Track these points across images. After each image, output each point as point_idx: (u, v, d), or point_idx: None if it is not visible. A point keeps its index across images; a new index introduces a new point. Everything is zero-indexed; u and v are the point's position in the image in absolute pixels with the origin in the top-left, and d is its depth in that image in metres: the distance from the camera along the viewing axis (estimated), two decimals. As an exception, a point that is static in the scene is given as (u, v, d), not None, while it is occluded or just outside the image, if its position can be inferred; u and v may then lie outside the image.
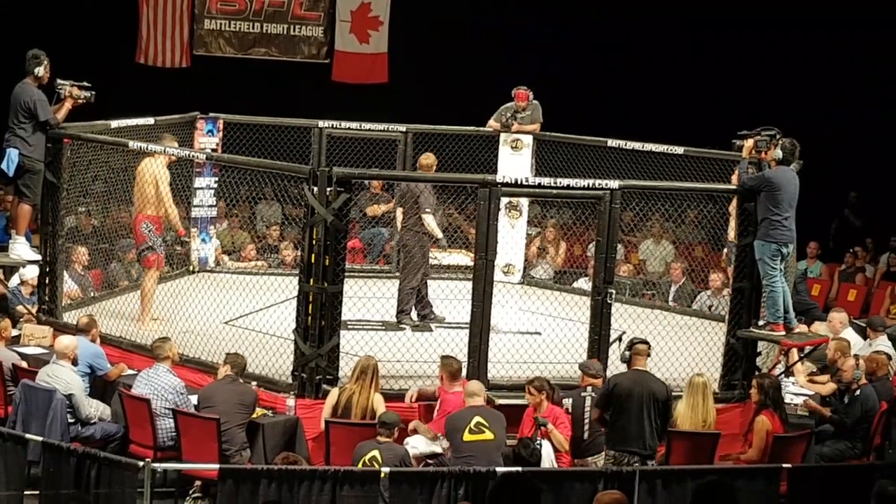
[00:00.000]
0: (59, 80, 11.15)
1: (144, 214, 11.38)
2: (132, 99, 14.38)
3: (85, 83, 11.22)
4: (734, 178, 11.55)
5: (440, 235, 11.67)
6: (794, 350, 11.06)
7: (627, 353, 9.44)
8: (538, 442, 9.06)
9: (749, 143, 10.44)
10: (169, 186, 11.39)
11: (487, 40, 18.80)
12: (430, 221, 11.59)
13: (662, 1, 18.32)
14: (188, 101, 13.85)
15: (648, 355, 9.51)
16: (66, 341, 9.84)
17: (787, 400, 10.41)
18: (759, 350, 10.72)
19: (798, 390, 11.08)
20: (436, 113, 14.29)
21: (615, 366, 10.25)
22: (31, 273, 11.82)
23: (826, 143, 16.18)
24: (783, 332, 10.33)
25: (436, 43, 18.81)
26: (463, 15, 18.89)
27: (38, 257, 11.30)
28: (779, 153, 10.24)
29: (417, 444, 9.29)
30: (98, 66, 13.85)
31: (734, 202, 10.94)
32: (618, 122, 15.26)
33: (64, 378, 9.58)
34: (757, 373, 10.36)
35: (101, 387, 10.15)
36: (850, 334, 11.73)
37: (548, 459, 9.08)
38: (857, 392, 10.26)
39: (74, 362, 9.80)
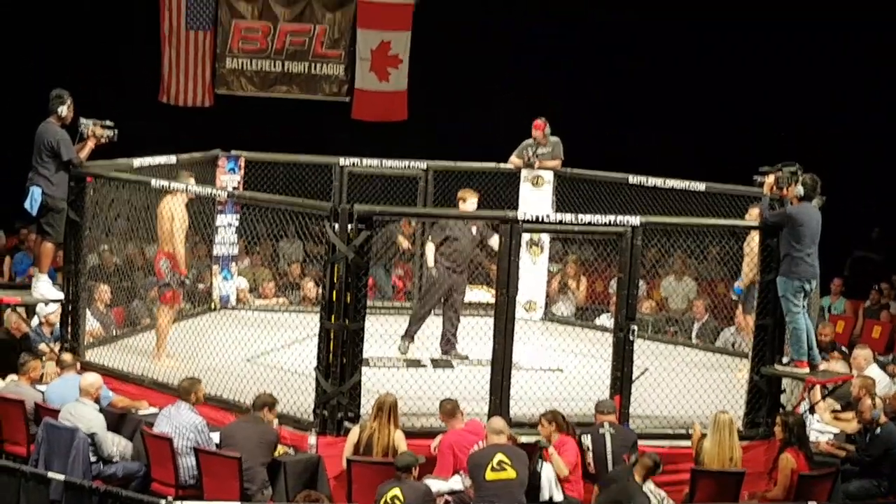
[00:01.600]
0: (82, 119, 11.20)
1: (163, 251, 11.41)
2: (154, 137, 14.45)
3: (108, 122, 11.26)
4: (748, 215, 11.54)
5: (430, 265, 11.79)
6: (818, 387, 10.97)
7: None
8: (539, 465, 9.06)
9: (770, 179, 10.41)
10: (182, 225, 11.38)
11: (508, 78, 18.88)
12: (427, 251, 11.78)
13: (667, 3, 18.38)
14: (210, 140, 13.91)
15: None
16: (90, 379, 9.87)
17: (811, 437, 10.32)
18: (783, 387, 10.64)
19: (823, 428, 10.99)
20: (456, 150, 14.33)
21: (637, 403, 10.23)
22: (48, 309, 11.85)
23: (839, 174, 16.19)
24: (807, 369, 10.25)
25: (455, 80, 18.90)
26: (482, 52, 18.99)
27: (61, 296, 11.32)
28: (800, 189, 10.21)
29: (437, 483, 9.24)
30: (120, 105, 13.94)
31: (749, 239, 10.92)
32: (624, 120, 15.33)
33: (86, 416, 9.59)
34: (781, 410, 10.29)
35: (113, 421, 10.13)
36: (874, 371, 11.64)
37: (547, 482, 9.08)
38: (878, 430, 10.17)
39: (97, 401, 9.81)
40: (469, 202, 11.83)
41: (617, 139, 18.12)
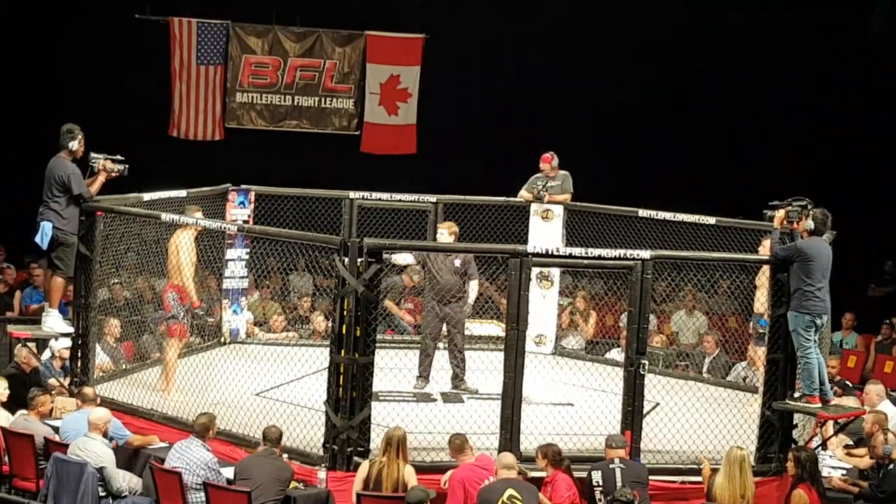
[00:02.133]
0: (92, 154, 11.24)
1: (171, 284, 11.43)
2: (164, 172, 14.49)
3: (118, 156, 11.31)
4: (761, 248, 11.51)
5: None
6: (830, 422, 10.91)
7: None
8: None
9: (780, 213, 10.39)
10: (190, 258, 11.39)
11: (514, 111, 18.95)
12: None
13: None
14: (220, 174, 13.94)
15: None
16: (98, 413, 9.85)
17: (824, 473, 10.26)
18: (794, 422, 10.59)
19: (835, 463, 10.92)
20: (466, 182, 14.35)
21: (648, 438, 10.19)
22: (62, 344, 11.85)
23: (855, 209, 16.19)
24: (819, 405, 10.20)
25: (465, 113, 18.97)
26: (490, 86, 19.08)
27: (71, 330, 11.32)
28: (810, 224, 10.19)
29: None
30: (131, 140, 13.99)
31: (761, 273, 10.89)
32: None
33: (94, 451, 9.57)
34: (793, 446, 10.23)
35: (127, 458, 10.12)
36: (886, 406, 11.57)
37: None
38: (891, 466, 10.10)
39: (105, 434, 9.79)
40: (440, 233, 11.90)
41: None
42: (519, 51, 19.04)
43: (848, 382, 12.95)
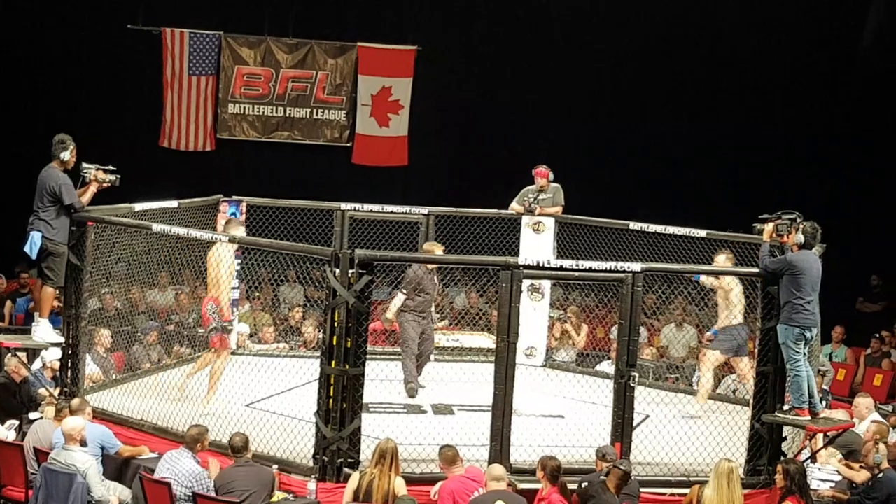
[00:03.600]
0: (84, 164, 11.22)
1: (210, 296, 11.39)
2: (156, 182, 14.49)
3: (110, 167, 11.30)
4: (715, 262, 11.73)
5: (390, 316, 12.20)
6: (820, 435, 10.93)
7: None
8: None
9: (769, 226, 10.42)
10: (230, 271, 11.39)
11: (506, 123, 18.99)
12: (394, 301, 12.12)
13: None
14: (211, 184, 13.93)
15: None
16: (71, 423, 9.76)
17: (813, 486, 10.27)
18: (784, 435, 10.60)
19: (825, 476, 10.93)
20: (457, 194, 14.38)
21: (638, 450, 10.20)
22: (53, 356, 11.82)
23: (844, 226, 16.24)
24: (808, 417, 10.22)
25: (456, 126, 19.01)
26: (482, 98, 19.13)
27: (61, 340, 11.30)
28: (800, 237, 10.21)
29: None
30: (122, 150, 14.00)
31: (721, 289, 10.99)
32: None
33: (76, 461, 9.52)
34: (782, 458, 10.24)
35: (117, 468, 10.10)
36: (875, 419, 11.60)
37: None
38: (880, 476, 10.13)
39: (83, 443, 9.74)
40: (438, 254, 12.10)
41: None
42: (511, 63, 19.08)
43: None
